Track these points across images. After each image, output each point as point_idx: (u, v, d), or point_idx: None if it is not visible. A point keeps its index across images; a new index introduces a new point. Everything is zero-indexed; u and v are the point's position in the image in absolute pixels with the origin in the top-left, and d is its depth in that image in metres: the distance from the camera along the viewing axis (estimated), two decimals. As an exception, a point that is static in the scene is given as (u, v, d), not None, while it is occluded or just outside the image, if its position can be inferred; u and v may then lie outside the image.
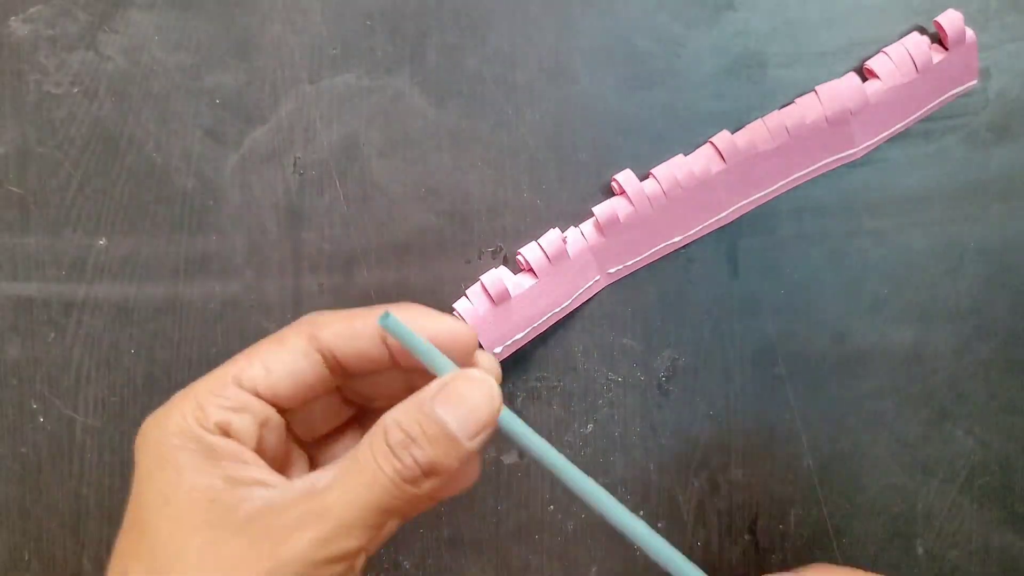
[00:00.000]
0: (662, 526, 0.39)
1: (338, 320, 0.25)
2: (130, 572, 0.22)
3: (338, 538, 0.22)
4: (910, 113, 0.39)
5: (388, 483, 0.22)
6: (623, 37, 0.39)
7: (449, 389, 0.23)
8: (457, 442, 0.23)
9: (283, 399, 0.25)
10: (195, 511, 0.22)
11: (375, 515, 0.22)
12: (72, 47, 0.38)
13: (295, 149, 0.38)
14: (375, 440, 0.23)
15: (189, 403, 0.24)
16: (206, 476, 0.23)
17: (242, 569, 0.21)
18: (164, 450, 0.23)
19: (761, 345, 0.39)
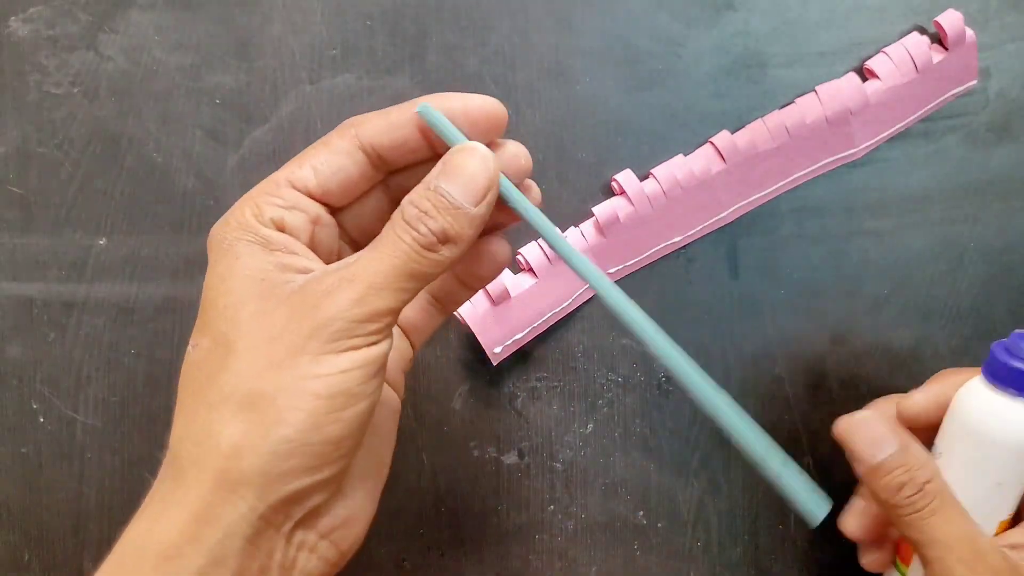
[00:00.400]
0: (662, 526, 0.39)
1: (377, 116, 0.27)
2: (198, 343, 0.26)
3: (369, 298, 0.24)
4: (910, 113, 0.39)
5: (408, 250, 0.25)
6: (623, 37, 0.39)
7: (448, 164, 0.26)
8: (462, 209, 0.26)
9: (333, 196, 0.27)
10: (247, 287, 0.25)
11: (400, 278, 0.25)
12: (72, 47, 0.38)
13: (295, 149, 0.38)
14: (395, 218, 0.26)
15: (248, 204, 0.27)
16: (260, 260, 0.25)
17: (288, 331, 0.24)
18: (226, 242, 0.26)
19: (761, 345, 0.39)
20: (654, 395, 0.39)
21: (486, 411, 0.39)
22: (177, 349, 0.38)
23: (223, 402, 0.24)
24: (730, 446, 0.39)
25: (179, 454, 0.25)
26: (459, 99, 0.27)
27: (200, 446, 0.24)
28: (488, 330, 0.37)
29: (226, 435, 0.24)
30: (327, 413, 0.24)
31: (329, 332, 0.24)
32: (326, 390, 0.24)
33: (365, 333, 0.25)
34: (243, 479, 0.24)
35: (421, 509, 0.39)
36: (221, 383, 0.24)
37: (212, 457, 0.24)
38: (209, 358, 0.25)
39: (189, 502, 0.24)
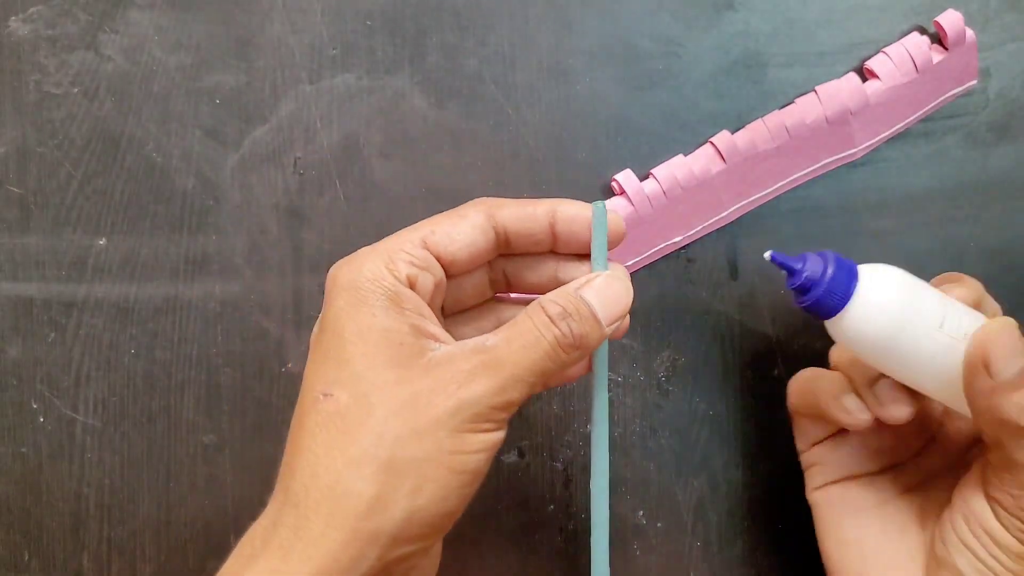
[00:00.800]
0: (662, 526, 0.39)
1: (516, 203, 0.29)
2: (335, 394, 0.26)
3: (508, 388, 0.26)
4: (910, 113, 0.39)
5: (548, 346, 0.27)
6: (623, 37, 0.39)
7: (595, 282, 0.28)
8: (599, 323, 0.28)
9: (456, 266, 0.29)
10: (388, 350, 0.26)
11: (534, 373, 0.27)
12: (72, 47, 0.38)
13: (295, 149, 0.38)
14: (534, 313, 0.27)
15: (382, 255, 0.28)
16: (396, 321, 0.27)
17: (431, 403, 0.25)
18: (360, 293, 0.27)
19: (761, 345, 0.39)
20: (654, 395, 0.39)
21: (486, 411, 0.39)
22: (177, 349, 0.38)
23: (363, 461, 0.25)
24: (730, 446, 0.39)
25: (303, 504, 0.25)
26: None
27: (334, 499, 0.25)
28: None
29: (365, 494, 0.25)
30: (457, 488, 0.26)
31: (470, 413, 0.26)
32: (460, 467, 0.26)
33: (497, 419, 0.26)
34: (373, 539, 0.25)
35: (421, 509, 0.39)
36: (362, 442, 0.25)
37: (347, 513, 0.25)
38: (347, 413, 0.26)
39: (315, 556, 0.24)
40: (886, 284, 0.30)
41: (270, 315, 0.38)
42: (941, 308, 0.30)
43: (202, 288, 0.38)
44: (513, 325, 0.27)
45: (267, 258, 0.38)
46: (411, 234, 0.29)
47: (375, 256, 0.28)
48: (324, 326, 0.28)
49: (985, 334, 0.29)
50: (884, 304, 0.29)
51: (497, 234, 0.29)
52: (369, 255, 0.28)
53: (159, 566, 0.38)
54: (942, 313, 0.30)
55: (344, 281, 0.27)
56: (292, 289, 0.38)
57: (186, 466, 0.38)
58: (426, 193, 0.38)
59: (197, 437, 0.38)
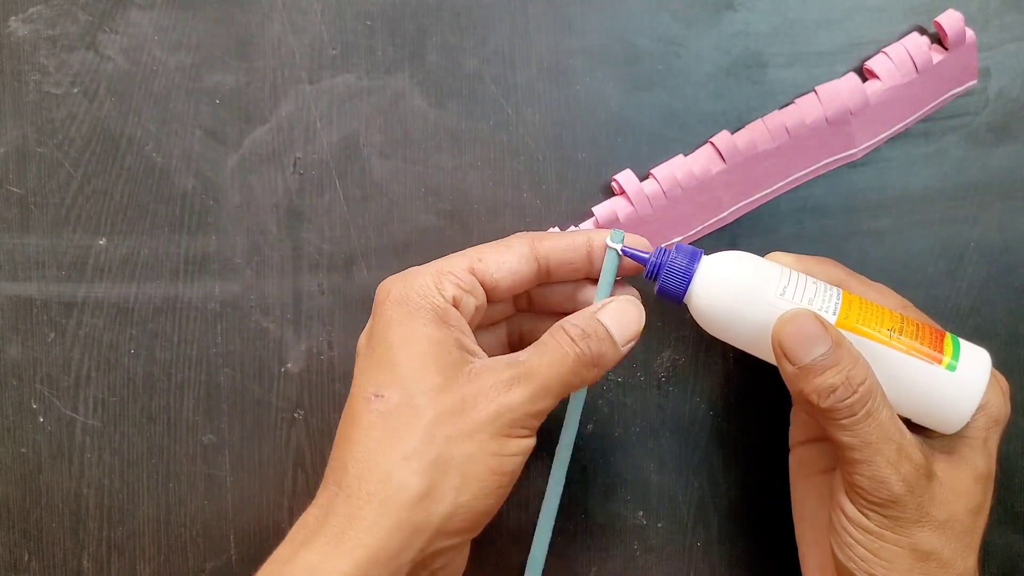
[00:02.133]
0: (662, 526, 0.39)
1: (558, 236, 0.33)
2: (386, 395, 0.28)
3: (540, 397, 0.29)
4: (910, 113, 0.39)
5: (572, 363, 0.30)
6: (623, 37, 0.39)
7: (612, 306, 0.31)
8: (615, 344, 0.31)
9: (497, 292, 0.32)
10: (435, 358, 0.29)
11: (561, 385, 0.30)
12: (72, 47, 0.38)
13: (295, 149, 0.38)
14: (558, 333, 0.30)
15: (431, 276, 0.30)
16: (442, 335, 0.29)
17: (475, 409, 0.28)
18: (410, 307, 0.29)
19: (761, 345, 0.39)
20: (654, 395, 0.39)
21: (486, 411, 0.39)
22: (177, 349, 0.38)
23: (414, 457, 0.27)
24: (730, 446, 0.39)
25: (356, 495, 0.27)
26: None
27: (386, 492, 0.27)
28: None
29: (414, 487, 0.27)
30: (496, 488, 0.28)
31: (509, 418, 0.28)
32: (500, 468, 0.28)
33: (531, 426, 0.29)
34: (420, 529, 0.27)
35: (421, 509, 0.38)
36: (413, 440, 0.28)
37: (398, 504, 0.27)
38: (397, 413, 0.28)
39: (368, 542, 0.26)
40: (724, 261, 0.32)
41: (270, 315, 0.38)
42: (783, 278, 0.31)
43: (202, 288, 0.38)
44: (540, 344, 0.30)
45: (267, 258, 0.38)
46: (460, 259, 0.31)
47: (426, 275, 0.30)
48: (374, 334, 0.30)
49: (779, 324, 0.30)
50: (723, 279, 0.31)
51: (539, 264, 0.32)
52: (420, 274, 0.30)
53: (159, 566, 0.38)
54: (783, 283, 0.31)
55: (396, 295, 0.30)
56: (292, 289, 0.38)
57: (186, 466, 0.38)
58: (426, 193, 0.38)
59: (197, 437, 0.38)
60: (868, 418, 0.29)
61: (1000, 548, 0.39)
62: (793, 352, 0.29)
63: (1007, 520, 0.40)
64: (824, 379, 0.29)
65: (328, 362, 0.38)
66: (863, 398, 0.29)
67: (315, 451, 0.38)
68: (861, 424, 0.29)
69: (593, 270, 0.33)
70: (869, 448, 0.29)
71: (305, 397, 0.38)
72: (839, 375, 0.29)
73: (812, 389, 0.29)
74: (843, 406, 0.29)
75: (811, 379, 0.29)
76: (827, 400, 0.29)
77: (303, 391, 0.38)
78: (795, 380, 0.30)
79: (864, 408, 0.29)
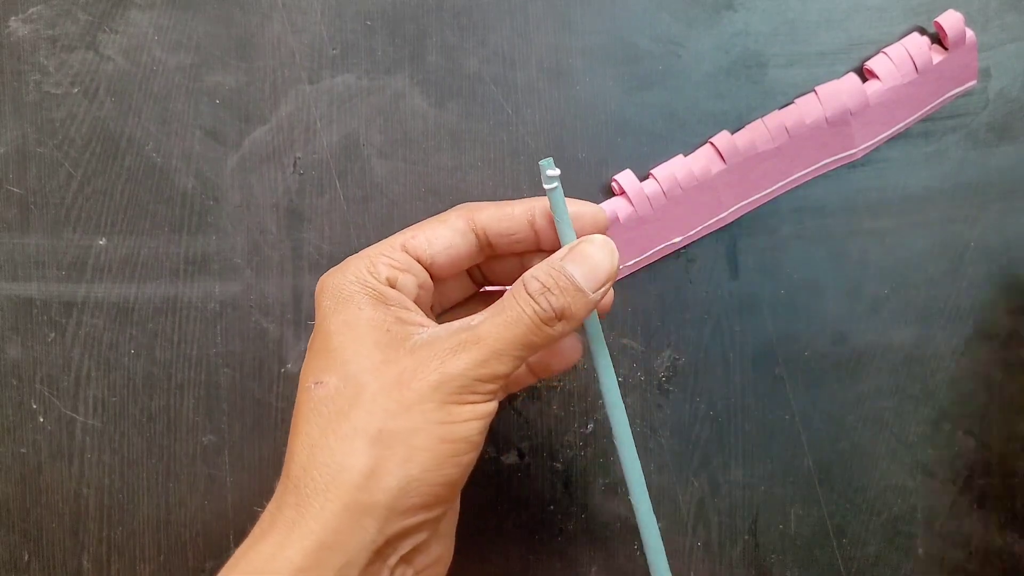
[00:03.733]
0: (662, 526, 0.39)
1: (494, 206, 0.31)
2: (325, 380, 0.28)
3: (491, 361, 0.27)
4: (910, 113, 0.39)
5: (529, 322, 0.28)
6: (623, 37, 0.39)
7: (576, 250, 0.29)
8: (583, 292, 0.28)
9: (438, 268, 0.30)
10: (374, 336, 0.28)
11: (518, 347, 0.28)
12: (72, 47, 0.38)
13: (295, 149, 0.38)
14: (517, 290, 0.28)
15: (363, 260, 0.29)
16: (381, 313, 0.28)
17: (415, 379, 0.27)
18: (345, 292, 0.29)
19: (761, 345, 0.39)
20: (654, 395, 0.39)
21: (486, 411, 0.39)
22: (177, 349, 0.38)
23: (355, 436, 0.26)
24: (730, 446, 0.39)
25: (303, 482, 0.27)
26: (572, 203, 0.30)
27: (330, 475, 0.26)
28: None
29: (358, 466, 0.26)
30: (450, 457, 0.27)
31: (454, 385, 0.27)
32: (450, 435, 0.27)
33: (484, 391, 0.28)
34: (369, 510, 0.26)
35: (421, 509, 0.38)
36: (353, 419, 0.27)
37: (342, 486, 0.26)
38: (338, 396, 0.27)
39: (316, 529, 0.26)
40: None
41: (270, 315, 0.38)
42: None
43: (202, 288, 0.38)
44: (498, 303, 0.28)
45: (267, 258, 0.38)
46: (392, 240, 0.30)
47: (357, 261, 0.29)
48: (314, 330, 0.29)
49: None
50: None
51: (479, 237, 0.30)
52: (351, 261, 0.30)
53: (159, 566, 0.38)
54: None
55: (330, 285, 0.29)
56: (292, 289, 0.38)
57: (186, 466, 0.38)
58: (426, 193, 0.38)
59: (197, 437, 0.38)
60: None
61: (1000, 548, 0.39)
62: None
63: (1007, 520, 0.40)
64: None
65: (328, 362, 0.38)
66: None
67: (315, 451, 0.38)
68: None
69: (540, 242, 0.31)
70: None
71: (305, 397, 0.38)
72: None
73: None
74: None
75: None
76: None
77: (303, 391, 0.38)
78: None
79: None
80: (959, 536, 0.39)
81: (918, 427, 0.39)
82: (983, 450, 0.39)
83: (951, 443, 0.39)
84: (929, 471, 0.39)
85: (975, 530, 0.39)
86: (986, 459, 0.40)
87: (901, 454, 0.39)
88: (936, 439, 0.39)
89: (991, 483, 0.39)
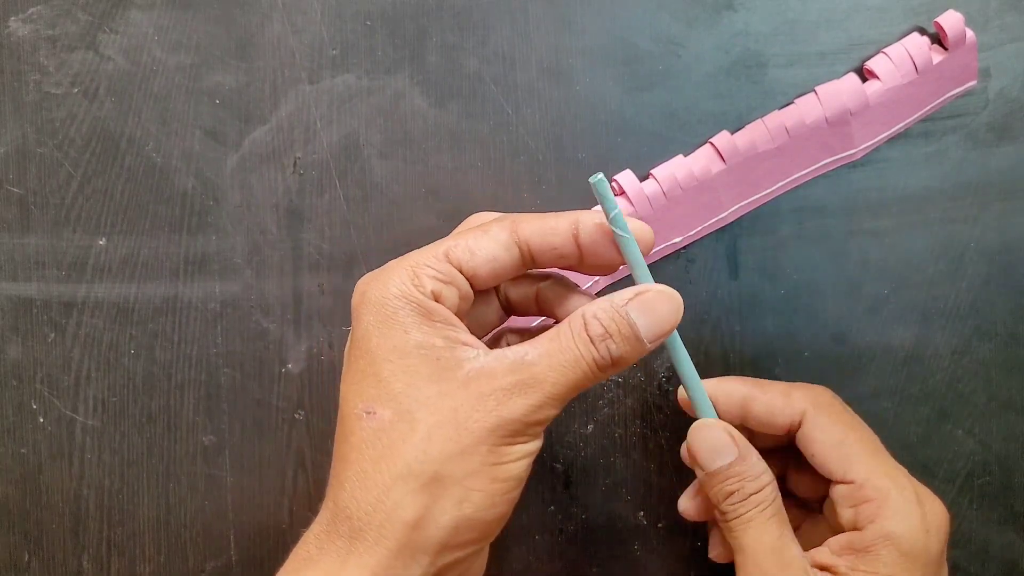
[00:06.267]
0: (662, 526, 0.39)
1: (537, 218, 0.29)
2: (378, 412, 0.27)
3: (545, 406, 0.27)
4: (910, 114, 0.39)
5: (587, 367, 0.27)
6: (623, 37, 0.39)
7: (644, 299, 0.28)
8: (642, 343, 0.28)
9: (479, 280, 0.29)
10: (425, 365, 0.27)
11: (570, 390, 0.27)
12: (72, 47, 0.38)
13: (295, 149, 0.38)
14: (576, 328, 0.28)
15: (406, 271, 0.28)
16: (429, 335, 0.27)
17: (471, 420, 0.26)
18: (388, 309, 0.28)
19: (761, 345, 0.39)
20: (654, 395, 0.39)
21: (486, 411, 0.39)
22: (177, 349, 0.38)
23: (410, 476, 0.26)
24: (730, 446, 0.39)
25: (355, 515, 0.27)
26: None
27: (384, 512, 0.26)
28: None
29: (413, 507, 0.26)
30: (501, 495, 0.27)
31: (509, 429, 0.27)
32: (502, 475, 0.27)
33: (535, 432, 0.28)
34: (423, 548, 0.26)
35: (421, 509, 0.38)
36: (408, 457, 0.26)
37: (397, 525, 0.26)
38: (392, 430, 0.27)
39: (370, 563, 0.26)
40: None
41: (270, 315, 0.38)
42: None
43: (202, 288, 0.38)
44: (555, 339, 0.28)
45: (267, 258, 0.38)
46: (435, 248, 0.29)
47: (401, 272, 0.28)
48: (355, 343, 0.28)
49: (692, 431, 0.32)
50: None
51: (521, 249, 0.29)
52: (395, 271, 0.28)
53: (159, 566, 0.38)
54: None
55: (373, 298, 0.28)
56: (292, 289, 0.38)
57: (186, 466, 0.38)
58: (426, 193, 0.38)
59: (197, 437, 0.38)
60: (748, 524, 0.31)
61: (1000, 548, 0.39)
62: (701, 459, 0.32)
63: (1007, 520, 0.40)
64: (724, 485, 0.31)
65: (329, 362, 0.38)
66: (748, 505, 0.31)
67: (315, 451, 0.38)
68: (741, 527, 0.31)
69: (584, 256, 0.30)
70: (745, 552, 0.31)
71: (305, 397, 0.38)
72: (736, 484, 0.31)
73: (714, 492, 0.32)
74: (730, 508, 0.31)
75: (714, 483, 0.32)
76: (723, 503, 0.31)
77: (303, 391, 0.38)
78: (703, 482, 0.33)
79: (747, 514, 0.31)
80: (959, 536, 0.39)
81: (918, 427, 0.39)
82: (983, 450, 0.40)
83: (951, 443, 0.39)
84: (929, 471, 0.39)
85: (975, 530, 0.39)
86: (986, 459, 0.40)
87: (901, 454, 0.39)
88: (936, 439, 0.39)
89: (991, 483, 0.39)
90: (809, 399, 0.33)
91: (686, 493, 0.35)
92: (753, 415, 0.33)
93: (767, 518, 0.31)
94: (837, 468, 0.32)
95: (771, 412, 0.33)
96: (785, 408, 0.33)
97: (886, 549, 0.30)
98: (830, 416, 0.33)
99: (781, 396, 0.33)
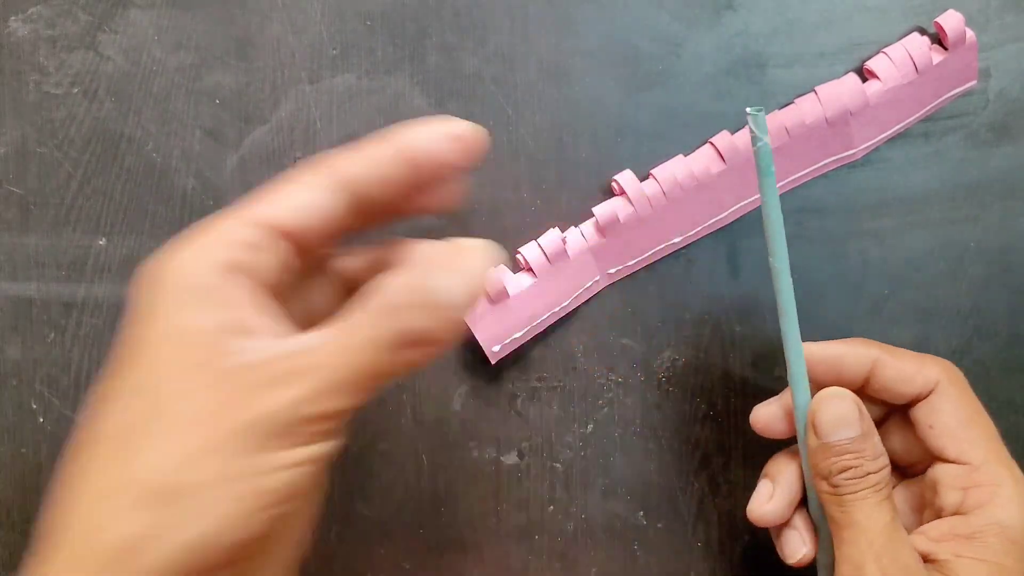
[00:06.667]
0: (662, 526, 0.39)
1: (357, 149, 0.24)
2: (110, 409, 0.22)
3: (324, 396, 0.21)
4: (910, 114, 0.39)
5: (381, 346, 0.22)
6: (623, 37, 0.39)
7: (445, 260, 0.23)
8: (447, 310, 0.22)
9: (304, 238, 0.24)
10: (187, 354, 0.21)
11: (364, 377, 0.22)
12: (72, 47, 0.38)
13: (295, 149, 0.38)
14: (371, 303, 0.22)
15: (197, 240, 0.23)
16: (197, 318, 0.22)
17: (220, 418, 0.21)
18: (161, 289, 0.22)
19: (761, 345, 0.39)
20: (654, 395, 0.39)
21: (486, 411, 0.39)
22: (177, 349, 0.38)
23: (131, 485, 0.21)
24: (731, 446, 0.39)
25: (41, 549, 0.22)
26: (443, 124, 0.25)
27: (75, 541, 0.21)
28: (486, 328, 0.37)
29: (126, 526, 0.20)
30: (260, 509, 0.21)
31: (271, 428, 0.21)
32: (263, 486, 0.21)
33: (315, 430, 0.21)
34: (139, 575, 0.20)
35: (420, 509, 0.38)
36: (134, 464, 0.21)
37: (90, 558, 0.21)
38: (123, 431, 0.21)
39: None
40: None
41: (270, 315, 0.38)
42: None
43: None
44: (347, 316, 0.22)
45: (267, 258, 0.38)
46: (241, 211, 0.23)
47: (191, 243, 0.23)
48: (125, 328, 0.23)
49: (819, 397, 0.31)
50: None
51: (349, 191, 0.24)
52: (185, 243, 0.23)
53: (159, 566, 0.38)
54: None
55: (150, 277, 0.23)
56: (292, 289, 0.38)
57: (186, 466, 0.38)
58: (426, 193, 0.38)
59: (197, 437, 0.38)
60: (864, 500, 0.30)
61: (1000, 548, 0.39)
62: (824, 428, 0.30)
63: (1007, 520, 0.39)
64: (841, 460, 0.30)
65: (328, 362, 0.38)
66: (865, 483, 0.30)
67: (315, 451, 0.38)
68: (855, 503, 0.30)
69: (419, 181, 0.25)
70: (856, 528, 0.29)
71: (305, 397, 0.38)
72: (855, 460, 0.30)
73: (827, 463, 0.30)
74: (845, 482, 0.30)
75: (829, 455, 0.30)
76: (836, 476, 0.30)
77: (303, 391, 0.38)
78: (814, 453, 0.31)
79: (862, 491, 0.30)
80: (959, 536, 0.39)
81: (918, 427, 0.39)
82: (983, 450, 0.39)
83: (951, 443, 0.39)
84: (929, 471, 0.39)
85: (975, 530, 0.39)
86: (986, 459, 0.39)
87: (901, 454, 0.39)
88: (936, 439, 0.39)
89: (991, 483, 0.39)
90: (943, 371, 0.32)
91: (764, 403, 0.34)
92: (881, 380, 0.32)
93: (882, 499, 0.30)
94: (955, 447, 0.31)
95: (902, 378, 0.32)
96: (916, 376, 0.32)
97: (996, 537, 0.29)
98: (963, 393, 0.32)
99: (914, 363, 0.32)
